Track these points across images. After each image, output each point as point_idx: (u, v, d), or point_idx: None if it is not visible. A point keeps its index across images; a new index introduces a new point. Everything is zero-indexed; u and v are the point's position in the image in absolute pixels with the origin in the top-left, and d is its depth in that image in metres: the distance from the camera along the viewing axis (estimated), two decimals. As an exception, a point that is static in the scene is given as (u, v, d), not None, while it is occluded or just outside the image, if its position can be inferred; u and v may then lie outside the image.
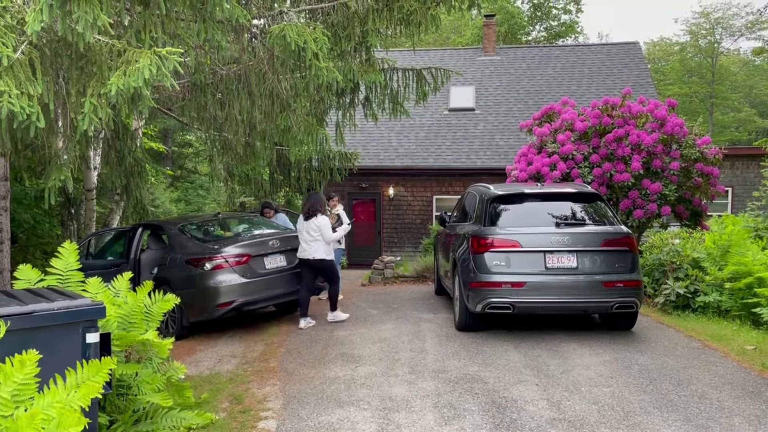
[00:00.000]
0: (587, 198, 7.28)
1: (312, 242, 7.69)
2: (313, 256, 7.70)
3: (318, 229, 7.67)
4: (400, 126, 16.58)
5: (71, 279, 4.66)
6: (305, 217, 7.78)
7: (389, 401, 4.81)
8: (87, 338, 3.56)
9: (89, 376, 3.22)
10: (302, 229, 7.79)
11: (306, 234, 7.73)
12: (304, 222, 7.76)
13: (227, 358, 6.51)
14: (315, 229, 7.68)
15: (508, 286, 6.45)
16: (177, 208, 21.54)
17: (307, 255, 7.73)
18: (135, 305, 4.51)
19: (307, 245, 7.73)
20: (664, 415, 4.41)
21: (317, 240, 7.68)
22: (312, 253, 7.70)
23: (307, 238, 7.71)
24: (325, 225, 7.71)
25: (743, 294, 7.32)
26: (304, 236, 7.74)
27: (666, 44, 44.49)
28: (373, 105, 9.89)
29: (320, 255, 7.70)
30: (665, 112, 10.01)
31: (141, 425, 4.31)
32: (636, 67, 18.61)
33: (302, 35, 6.26)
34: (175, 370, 4.80)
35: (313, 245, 7.69)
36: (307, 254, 7.73)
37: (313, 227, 7.68)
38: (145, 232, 8.85)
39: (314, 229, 7.68)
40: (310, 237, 7.69)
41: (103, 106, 4.91)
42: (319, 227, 7.67)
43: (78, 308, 3.54)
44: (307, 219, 7.74)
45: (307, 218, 7.74)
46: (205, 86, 8.10)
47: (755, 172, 15.91)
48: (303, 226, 7.78)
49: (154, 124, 17.69)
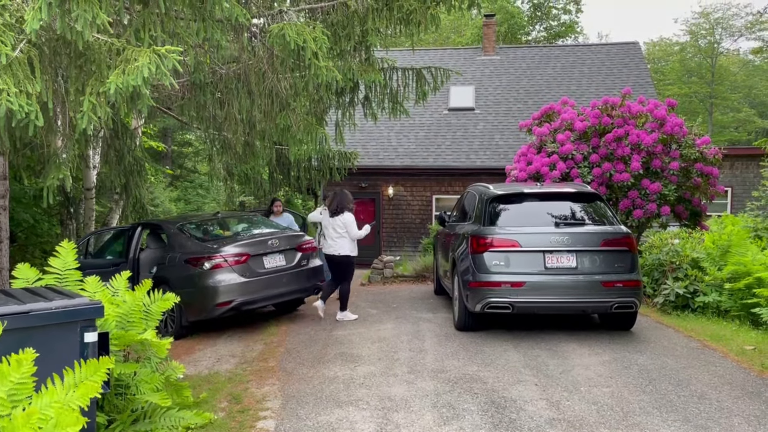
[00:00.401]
0: (587, 198, 7.28)
1: (338, 239, 7.89)
2: (338, 252, 7.90)
3: (344, 226, 7.86)
4: (399, 125, 16.57)
5: (69, 278, 4.65)
6: (331, 214, 7.97)
7: (388, 401, 4.80)
8: (85, 337, 3.55)
9: (87, 375, 3.21)
10: (328, 226, 7.98)
11: (332, 230, 7.92)
12: (330, 219, 7.95)
13: (226, 358, 6.50)
14: (341, 226, 7.86)
15: (508, 286, 6.44)
16: (176, 208, 21.53)
17: (333, 251, 7.93)
18: (134, 304, 4.50)
19: (333, 241, 7.92)
20: (663, 415, 4.41)
21: (343, 237, 7.88)
22: (337, 249, 7.89)
23: (333, 234, 7.91)
24: (351, 222, 7.91)
25: (742, 294, 7.31)
26: (330, 233, 7.94)
27: (666, 44, 44.49)
28: (373, 104, 9.89)
29: (345, 251, 7.90)
30: (665, 111, 10.00)
31: (139, 425, 4.30)
32: (636, 67, 18.60)
33: (302, 34, 6.25)
34: (174, 370, 4.78)
35: (339, 242, 7.89)
36: (333, 250, 7.93)
37: (339, 224, 7.87)
38: (144, 232, 8.83)
39: (340, 226, 7.87)
40: (336, 234, 7.89)
41: (102, 104, 4.90)
42: (345, 224, 7.86)
43: (76, 307, 3.53)
44: (333, 216, 7.94)
45: (334, 215, 7.94)
46: (204, 85, 8.09)
47: (755, 172, 15.90)
48: (329, 222, 7.96)
49: (153, 123, 17.69)
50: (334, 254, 7.92)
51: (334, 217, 7.92)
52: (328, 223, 7.97)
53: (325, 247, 8.06)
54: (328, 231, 7.96)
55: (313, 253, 8.45)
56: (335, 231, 7.89)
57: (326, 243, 8.01)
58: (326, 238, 8.01)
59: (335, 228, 7.89)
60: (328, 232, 7.97)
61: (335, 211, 7.95)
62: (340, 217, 7.88)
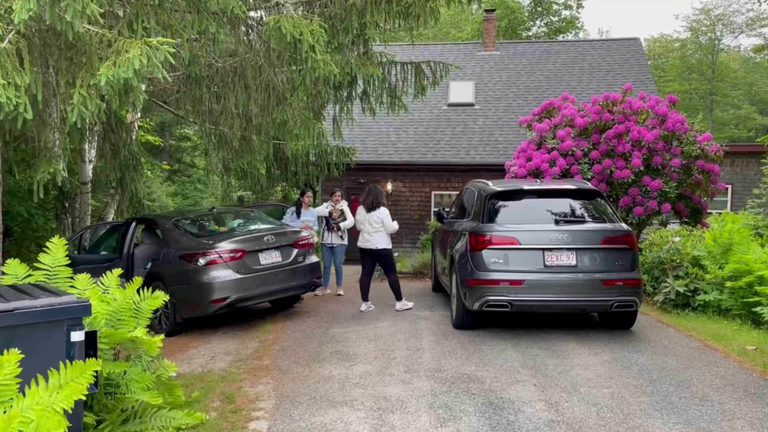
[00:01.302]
0: (587, 195, 7.18)
1: (374, 233, 8.13)
2: (377, 246, 8.14)
3: (380, 220, 8.11)
4: (399, 121, 16.44)
5: (59, 275, 4.56)
6: (367, 209, 8.19)
7: (384, 401, 4.71)
8: (72, 337, 3.45)
9: (73, 376, 3.11)
10: (364, 221, 8.20)
11: (368, 225, 8.16)
12: (366, 214, 8.18)
13: (220, 356, 6.41)
14: (377, 221, 8.11)
15: (506, 284, 6.35)
16: (174, 202, 21.40)
17: (370, 245, 8.16)
18: (124, 302, 4.40)
19: (369, 236, 8.16)
20: (664, 417, 4.32)
21: (379, 231, 8.12)
22: (375, 243, 8.14)
23: (370, 229, 8.15)
24: (387, 216, 8.17)
25: (743, 293, 7.22)
26: (367, 227, 8.18)
27: (666, 41, 44.34)
28: (371, 99, 9.77)
29: (383, 245, 8.17)
30: (666, 108, 9.90)
31: (129, 425, 4.21)
32: (636, 63, 18.48)
33: (298, 27, 6.15)
34: (166, 368, 4.68)
35: (376, 236, 8.13)
36: (370, 244, 8.16)
37: (376, 218, 8.11)
38: (138, 227, 8.72)
39: (377, 220, 8.11)
40: (373, 228, 8.13)
41: (92, 97, 4.80)
42: (382, 218, 8.11)
43: (62, 306, 3.44)
44: (369, 211, 8.16)
45: (369, 210, 8.17)
46: (200, 79, 7.97)
47: (755, 170, 15.80)
48: (365, 217, 8.20)
49: (151, 117, 17.54)
50: (372, 248, 8.15)
51: (369, 212, 8.15)
52: (364, 219, 8.21)
53: (360, 241, 8.28)
54: (365, 226, 8.19)
55: (309, 250, 8.35)
56: (372, 225, 8.13)
57: (362, 237, 8.25)
58: (362, 233, 8.25)
59: (372, 222, 8.13)
60: (364, 227, 8.20)
61: (371, 206, 8.18)
62: (376, 212, 8.12)
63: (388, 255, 8.27)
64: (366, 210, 8.21)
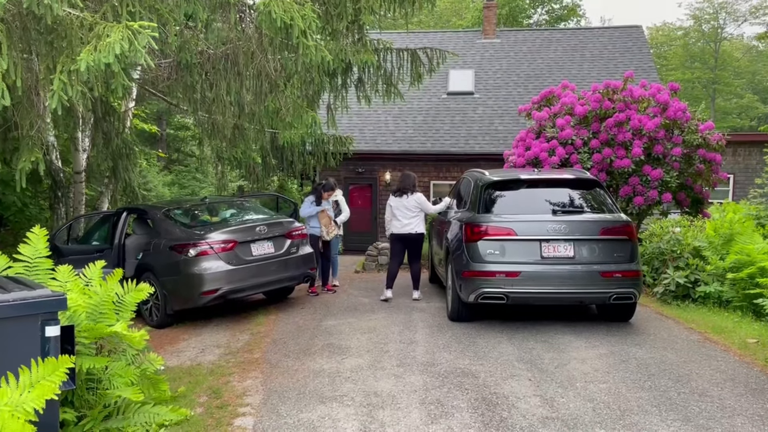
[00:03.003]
0: (586, 184, 7.02)
1: (413, 218, 8.09)
2: (415, 231, 8.10)
3: (418, 205, 8.08)
4: (397, 110, 16.24)
5: (40, 267, 4.40)
6: (400, 195, 8.12)
7: (374, 397, 4.59)
8: (46, 332, 3.31)
9: (45, 374, 2.98)
10: (400, 207, 8.10)
11: (405, 211, 8.09)
12: (399, 200, 8.11)
13: (210, 348, 6.29)
14: (415, 206, 8.07)
15: (502, 276, 6.21)
16: (170, 192, 21.19)
17: (409, 230, 8.09)
18: (105, 295, 4.26)
19: (407, 221, 8.09)
20: (662, 414, 4.19)
21: (417, 216, 8.10)
22: (413, 228, 8.09)
23: (408, 214, 8.09)
24: (425, 200, 8.18)
25: (745, 284, 7.08)
26: (404, 213, 8.09)
27: (669, 29, 43.95)
28: (366, 87, 9.59)
29: (421, 229, 8.17)
30: (668, 96, 9.71)
31: (111, 421, 4.08)
32: (638, 51, 18.22)
33: (289, 11, 5.97)
34: (152, 362, 4.56)
35: (413, 221, 8.10)
36: (409, 229, 8.09)
37: (413, 204, 8.06)
38: (130, 217, 8.58)
39: (414, 205, 8.06)
40: (411, 213, 8.08)
41: (73, 83, 4.64)
42: (420, 203, 8.08)
43: (36, 299, 3.29)
44: (401, 196, 8.09)
45: (402, 196, 8.10)
46: (191, 66, 7.79)
47: (757, 159, 15.62)
48: (400, 204, 8.10)
49: (145, 105, 17.35)
50: (410, 233, 8.09)
51: (401, 197, 8.08)
52: (399, 205, 8.10)
53: (396, 228, 8.17)
54: (401, 212, 8.11)
55: (303, 240, 8.21)
56: (410, 211, 8.07)
57: (399, 223, 8.12)
58: (398, 219, 8.13)
59: (409, 208, 8.06)
60: (400, 213, 8.11)
61: (403, 191, 8.11)
62: (413, 197, 8.07)
63: (422, 241, 8.25)
64: (398, 196, 8.13)
